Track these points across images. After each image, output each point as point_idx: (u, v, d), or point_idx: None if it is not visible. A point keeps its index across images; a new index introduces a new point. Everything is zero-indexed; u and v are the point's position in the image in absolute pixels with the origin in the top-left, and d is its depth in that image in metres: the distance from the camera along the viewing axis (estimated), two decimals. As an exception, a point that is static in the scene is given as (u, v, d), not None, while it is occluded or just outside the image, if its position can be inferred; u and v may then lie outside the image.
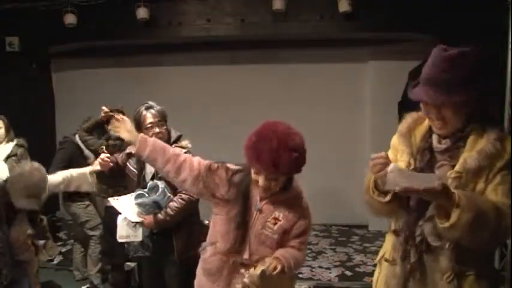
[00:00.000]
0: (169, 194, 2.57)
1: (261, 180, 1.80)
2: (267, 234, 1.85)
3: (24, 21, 5.32)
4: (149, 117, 2.62)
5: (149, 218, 2.54)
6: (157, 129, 2.61)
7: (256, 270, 1.75)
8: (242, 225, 1.87)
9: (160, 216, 2.54)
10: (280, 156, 1.69)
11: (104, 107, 3.60)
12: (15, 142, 3.75)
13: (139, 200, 2.54)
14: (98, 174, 2.87)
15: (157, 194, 2.53)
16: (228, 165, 1.96)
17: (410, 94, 1.59)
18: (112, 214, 2.67)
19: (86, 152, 3.87)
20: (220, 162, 1.97)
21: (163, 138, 2.60)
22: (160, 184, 2.55)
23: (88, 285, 3.93)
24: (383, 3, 4.87)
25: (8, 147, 3.70)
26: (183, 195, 2.56)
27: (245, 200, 1.89)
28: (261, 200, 1.88)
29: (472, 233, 1.43)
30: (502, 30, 3.41)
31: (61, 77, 6.26)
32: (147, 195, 2.55)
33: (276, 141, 1.70)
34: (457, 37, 4.28)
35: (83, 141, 3.83)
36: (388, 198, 1.59)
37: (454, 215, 1.42)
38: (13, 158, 3.66)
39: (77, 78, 6.25)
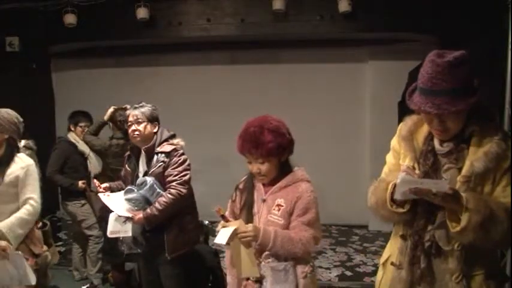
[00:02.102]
0: (159, 190, 2.60)
1: (251, 167, 1.98)
2: (273, 221, 1.95)
3: (24, 21, 5.31)
4: (130, 116, 2.74)
5: (139, 214, 2.57)
6: (134, 127, 2.70)
7: (232, 225, 1.89)
8: (251, 216, 2.01)
9: (148, 211, 2.56)
10: (258, 138, 1.90)
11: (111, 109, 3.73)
12: (22, 144, 3.57)
13: (129, 196, 2.58)
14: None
15: (144, 189, 2.56)
16: (237, 185, 2.15)
17: (409, 103, 1.58)
18: (112, 214, 2.69)
19: (80, 147, 3.91)
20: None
21: (140, 136, 2.69)
22: (149, 179, 2.60)
23: (88, 285, 3.93)
24: (383, 3, 4.88)
25: None
26: (172, 190, 2.60)
27: (251, 194, 2.04)
28: (266, 192, 2.01)
29: (484, 234, 1.44)
30: (502, 30, 3.40)
31: (61, 77, 6.26)
32: (136, 190, 2.58)
33: (254, 127, 1.93)
34: (457, 37, 4.32)
35: (87, 143, 3.86)
36: (407, 208, 1.59)
37: (464, 218, 1.44)
38: None
39: (77, 78, 6.25)
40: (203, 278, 3.20)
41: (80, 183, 3.82)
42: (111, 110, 3.83)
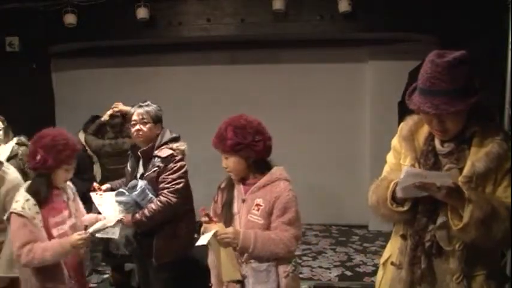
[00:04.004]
0: (150, 196, 2.55)
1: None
2: (253, 221, 1.99)
3: (24, 21, 5.31)
4: (134, 115, 2.68)
5: (128, 217, 2.53)
6: (137, 127, 2.66)
7: (213, 228, 1.93)
8: (231, 216, 2.05)
9: (137, 216, 2.52)
10: (222, 134, 2.00)
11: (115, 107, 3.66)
12: (14, 141, 3.51)
13: (119, 198, 2.54)
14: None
15: (135, 193, 2.52)
16: (219, 184, 2.20)
17: (409, 103, 1.58)
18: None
19: (90, 151, 3.87)
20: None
21: (144, 136, 2.64)
22: (140, 183, 2.54)
23: (89, 285, 3.93)
24: (383, 3, 4.87)
25: (7, 148, 3.44)
26: (161, 198, 2.54)
27: (231, 194, 2.08)
28: (245, 192, 2.04)
29: (486, 231, 1.44)
30: (502, 30, 3.40)
31: (61, 77, 6.25)
32: (126, 193, 2.54)
33: (224, 123, 2.03)
34: (457, 37, 4.31)
35: (86, 141, 3.82)
36: (407, 207, 1.59)
37: (466, 214, 1.44)
38: (15, 158, 3.41)
39: (77, 78, 6.24)
40: (202, 278, 3.19)
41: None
42: (110, 111, 3.80)
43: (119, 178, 2.97)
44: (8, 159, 3.39)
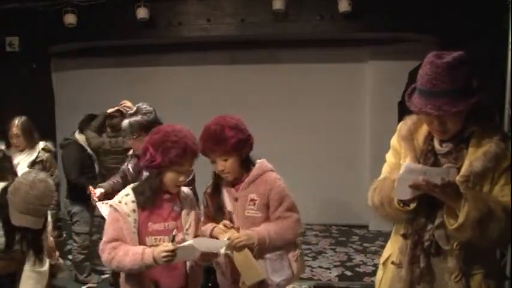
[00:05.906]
0: None
1: (216, 166, 2.03)
2: (251, 215, 2.04)
3: (24, 21, 5.32)
4: (123, 126, 2.65)
5: None
6: (131, 142, 2.65)
7: (225, 235, 1.95)
8: (224, 217, 2.07)
9: None
10: (220, 135, 1.96)
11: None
12: (41, 146, 3.52)
13: None
14: None
15: None
16: (205, 190, 2.20)
17: (409, 105, 1.58)
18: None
19: (89, 150, 3.82)
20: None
21: (139, 149, 2.44)
22: None
23: (88, 285, 3.93)
24: (383, 3, 4.88)
25: (33, 153, 3.46)
26: None
27: (220, 196, 2.10)
28: (236, 190, 2.08)
29: (481, 232, 1.44)
30: (502, 30, 3.41)
31: (61, 77, 6.26)
32: None
33: (215, 125, 2.00)
34: (457, 37, 4.32)
35: (87, 138, 3.75)
36: (413, 205, 1.58)
37: (462, 214, 1.44)
38: (40, 164, 3.45)
39: (77, 78, 6.24)
40: (203, 278, 3.18)
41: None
42: (117, 108, 3.73)
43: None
44: (32, 164, 3.43)
